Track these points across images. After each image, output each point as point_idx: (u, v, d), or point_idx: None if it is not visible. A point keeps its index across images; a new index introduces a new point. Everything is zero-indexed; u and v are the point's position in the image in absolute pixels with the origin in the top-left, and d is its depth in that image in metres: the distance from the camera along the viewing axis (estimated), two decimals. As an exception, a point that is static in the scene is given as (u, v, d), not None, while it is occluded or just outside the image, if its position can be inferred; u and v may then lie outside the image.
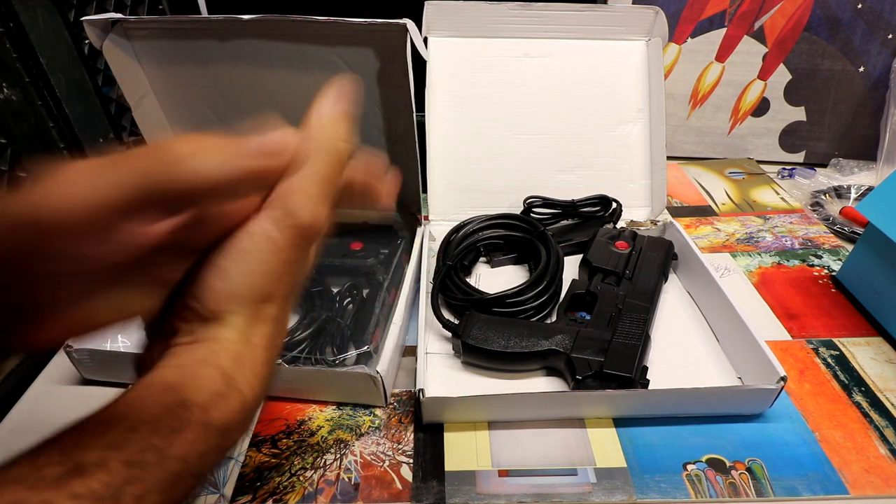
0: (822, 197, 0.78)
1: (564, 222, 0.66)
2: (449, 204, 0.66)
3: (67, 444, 0.19)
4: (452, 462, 0.43)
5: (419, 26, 0.58)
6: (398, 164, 0.67)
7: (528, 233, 0.61)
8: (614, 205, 0.64)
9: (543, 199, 0.64)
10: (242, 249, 0.22)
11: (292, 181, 0.23)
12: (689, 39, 0.84)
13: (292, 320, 0.47)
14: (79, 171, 0.18)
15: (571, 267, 0.63)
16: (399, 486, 0.41)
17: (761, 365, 0.45)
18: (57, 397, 0.49)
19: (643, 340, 0.48)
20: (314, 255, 0.26)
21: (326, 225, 0.24)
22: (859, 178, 0.83)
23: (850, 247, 0.68)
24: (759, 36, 0.82)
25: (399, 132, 0.60)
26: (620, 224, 0.65)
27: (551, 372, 0.49)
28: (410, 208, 0.65)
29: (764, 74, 0.85)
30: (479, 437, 0.45)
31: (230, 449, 0.24)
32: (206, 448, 0.21)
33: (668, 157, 0.66)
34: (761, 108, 0.87)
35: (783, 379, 0.42)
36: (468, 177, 0.66)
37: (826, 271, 0.64)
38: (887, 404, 0.47)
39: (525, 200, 0.64)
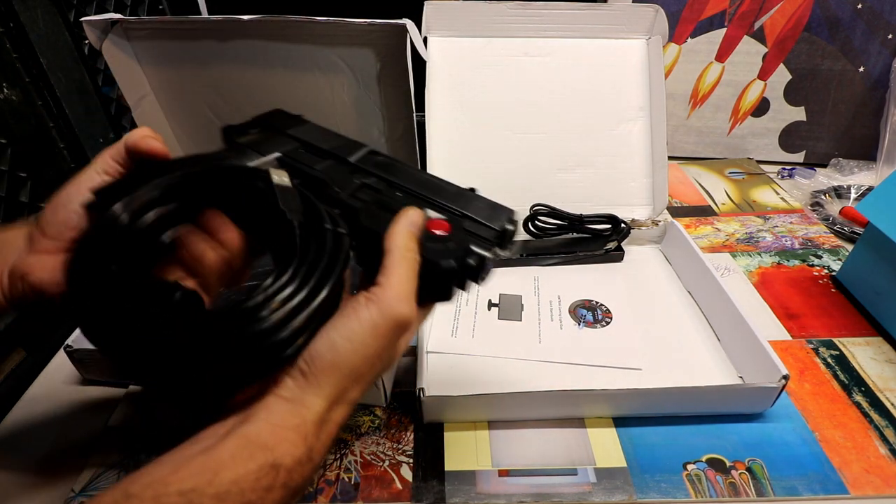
0: (822, 197, 0.78)
1: (568, 235, 0.65)
2: (449, 204, 0.66)
3: (184, 486, 0.22)
4: (452, 462, 0.43)
5: (419, 26, 0.58)
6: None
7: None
8: (623, 226, 0.63)
9: (551, 208, 0.63)
10: (351, 329, 0.27)
11: (391, 281, 0.28)
12: (689, 39, 0.84)
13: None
14: None
15: (568, 277, 0.63)
16: (399, 485, 0.41)
17: (763, 363, 0.45)
18: (57, 397, 0.49)
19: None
20: (402, 349, 0.30)
21: (417, 321, 0.29)
22: (859, 178, 0.83)
23: (850, 247, 0.68)
24: (759, 36, 0.82)
25: (399, 132, 0.59)
26: (623, 223, 0.64)
27: None
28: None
29: (764, 74, 0.85)
30: (479, 436, 0.45)
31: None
32: (284, 502, 0.24)
33: (669, 157, 0.66)
34: (761, 108, 0.87)
35: (785, 377, 0.42)
36: (468, 177, 0.66)
37: (826, 271, 0.64)
38: (887, 404, 0.47)
39: (531, 207, 0.63)
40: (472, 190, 0.38)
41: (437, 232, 0.32)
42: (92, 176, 0.30)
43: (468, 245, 0.31)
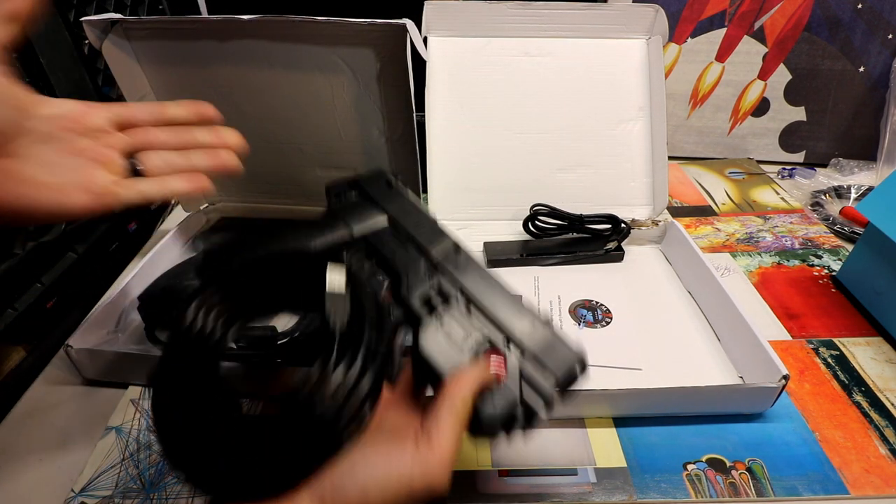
0: (822, 197, 0.78)
1: (569, 235, 0.65)
2: (449, 204, 0.66)
3: None
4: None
5: (419, 26, 0.58)
6: (398, 164, 0.67)
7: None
8: (623, 226, 0.63)
9: (551, 208, 0.63)
10: (388, 479, 0.26)
11: (442, 442, 0.27)
12: (689, 39, 0.84)
13: (291, 321, 0.47)
14: None
15: (568, 277, 0.63)
16: (399, 485, 0.41)
17: (763, 363, 0.45)
18: (57, 397, 0.49)
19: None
20: None
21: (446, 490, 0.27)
22: (859, 178, 0.83)
23: (850, 247, 0.68)
24: (760, 36, 0.82)
25: (399, 132, 0.60)
26: (623, 223, 0.64)
27: None
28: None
29: (764, 74, 0.85)
30: (479, 436, 0.45)
31: None
32: None
33: (669, 157, 0.66)
34: (761, 108, 0.87)
35: (785, 377, 0.42)
36: (468, 177, 0.66)
37: (826, 271, 0.64)
38: (887, 404, 0.47)
39: (532, 207, 0.63)
40: (548, 322, 0.34)
41: (498, 375, 0.30)
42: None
43: (521, 397, 0.29)
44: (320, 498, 0.25)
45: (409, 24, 0.50)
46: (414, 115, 0.56)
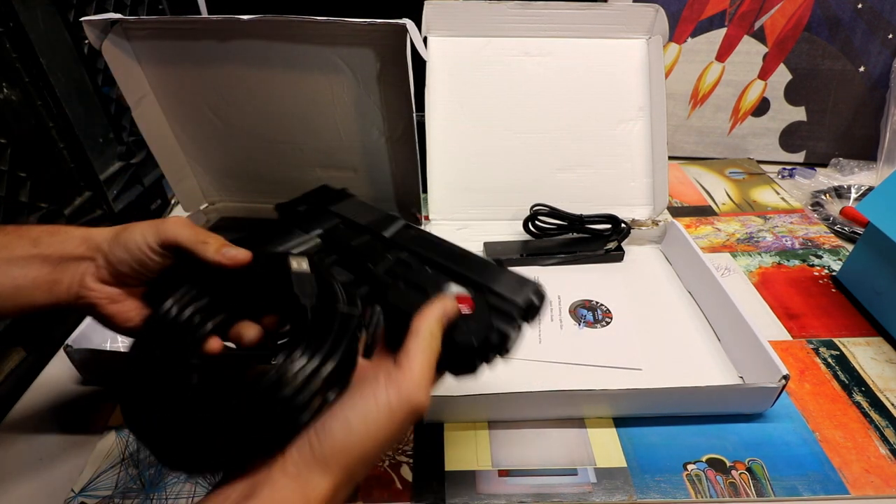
0: (823, 197, 0.78)
1: (569, 235, 0.65)
2: (449, 204, 0.66)
3: None
4: (452, 462, 0.43)
5: (419, 26, 0.58)
6: (398, 164, 0.67)
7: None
8: (623, 226, 0.63)
9: (551, 208, 0.63)
10: (367, 410, 0.27)
11: (413, 365, 0.28)
12: (690, 39, 0.84)
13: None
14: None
15: (568, 277, 0.63)
16: (399, 485, 0.41)
17: (763, 363, 0.45)
18: (57, 397, 0.49)
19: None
20: (409, 429, 0.30)
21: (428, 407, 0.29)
22: (859, 178, 0.83)
23: (850, 247, 0.68)
24: (760, 36, 0.82)
25: (399, 132, 0.59)
26: (623, 223, 0.64)
27: None
28: (410, 208, 0.65)
29: (764, 74, 0.85)
30: (479, 436, 0.45)
31: None
32: None
33: (669, 157, 0.66)
34: (761, 108, 0.87)
35: (785, 377, 0.42)
36: (468, 177, 0.66)
37: (826, 271, 0.64)
38: (887, 404, 0.47)
39: (531, 207, 0.63)
40: (500, 263, 0.37)
41: (462, 309, 0.33)
42: (144, 232, 0.34)
43: (491, 322, 0.32)
44: (308, 444, 0.26)
45: (409, 24, 0.50)
46: (414, 115, 0.56)
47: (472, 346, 0.31)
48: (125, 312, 0.35)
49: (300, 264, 0.33)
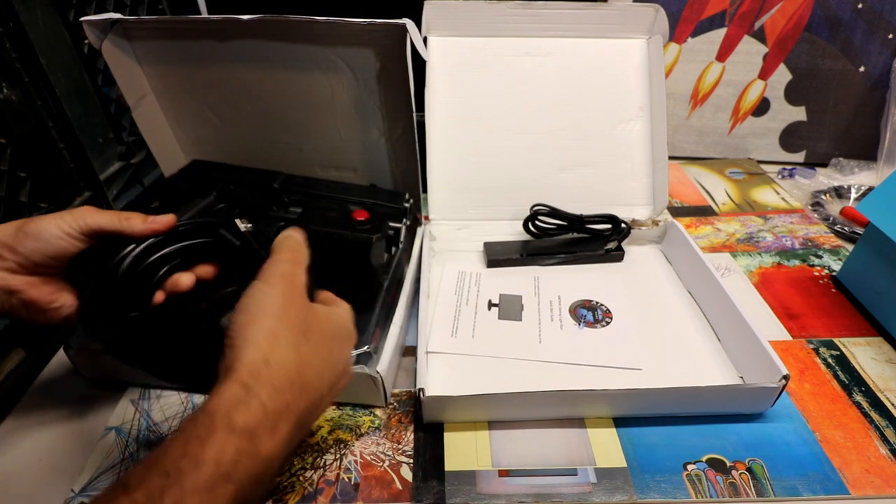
0: (823, 197, 0.78)
1: (569, 235, 0.65)
2: (449, 203, 0.66)
3: (128, 476, 0.23)
4: (452, 462, 0.43)
5: (419, 26, 0.58)
6: (398, 164, 0.67)
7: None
8: (623, 226, 0.63)
9: (551, 208, 0.63)
10: (245, 299, 0.29)
11: (274, 258, 0.33)
12: (690, 39, 0.84)
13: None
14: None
15: (568, 277, 0.63)
16: (399, 486, 0.41)
17: (763, 363, 0.45)
18: (57, 397, 0.49)
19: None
20: (346, 355, 0.34)
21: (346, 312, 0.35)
22: (859, 177, 0.83)
23: (850, 247, 0.68)
24: (760, 36, 0.82)
25: (399, 132, 0.59)
26: (623, 223, 0.64)
27: None
28: (387, 190, 0.65)
29: (764, 74, 0.85)
30: (479, 436, 0.45)
31: (271, 465, 0.26)
32: (237, 451, 0.24)
33: (669, 157, 0.66)
34: (761, 107, 0.87)
35: (785, 377, 0.42)
36: (468, 176, 0.66)
37: (826, 271, 0.64)
38: (887, 404, 0.47)
39: (531, 207, 0.63)
40: (374, 186, 0.56)
41: (361, 219, 0.48)
42: (59, 223, 0.36)
43: (385, 221, 0.49)
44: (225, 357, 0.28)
45: (409, 24, 0.50)
46: (414, 115, 0.56)
47: (374, 238, 0.46)
48: (47, 295, 0.36)
49: (245, 224, 0.42)
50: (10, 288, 0.35)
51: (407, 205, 0.52)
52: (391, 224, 0.46)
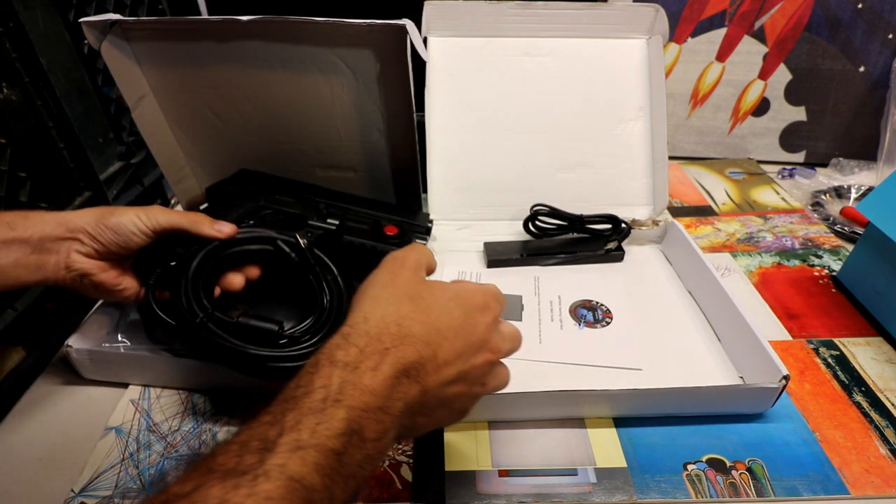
0: (823, 197, 0.78)
1: (569, 235, 0.65)
2: (449, 204, 0.66)
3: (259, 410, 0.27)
4: (452, 462, 0.43)
5: (419, 26, 0.58)
6: (398, 165, 0.67)
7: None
8: (623, 226, 0.63)
9: (551, 208, 0.63)
10: (369, 277, 0.35)
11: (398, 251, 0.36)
12: (690, 39, 0.84)
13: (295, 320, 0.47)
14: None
15: (569, 277, 0.63)
16: (399, 486, 0.41)
17: (763, 364, 0.45)
18: (57, 397, 0.49)
19: None
20: (486, 320, 0.34)
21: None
22: (859, 177, 0.83)
23: (850, 247, 0.68)
24: (760, 36, 0.82)
25: (399, 133, 0.59)
26: (623, 223, 0.64)
27: None
28: (411, 208, 0.65)
29: (764, 74, 0.85)
30: (479, 437, 0.45)
31: (376, 398, 0.28)
32: (341, 380, 0.27)
33: (669, 157, 0.66)
34: (761, 107, 0.87)
35: (785, 377, 0.42)
36: (468, 176, 0.66)
37: (826, 271, 0.64)
38: (887, 404, 0.47)
39: (531, 207, 0.63)
40: (399, 204, 0.63)
41: (391, 233, 0.55)
42: (137, 219, 0.42)
43: (412, 236, 0.56)
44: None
45: (409, 24, 0.50)
46: (414, 115, 0.56)
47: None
48: (113, 279, 0.43)
49: (303, 240, 0.46)
50: (85, 271, 0.41)
51: (430, 224, 0.59)
52: (417, 241, 0.53)
